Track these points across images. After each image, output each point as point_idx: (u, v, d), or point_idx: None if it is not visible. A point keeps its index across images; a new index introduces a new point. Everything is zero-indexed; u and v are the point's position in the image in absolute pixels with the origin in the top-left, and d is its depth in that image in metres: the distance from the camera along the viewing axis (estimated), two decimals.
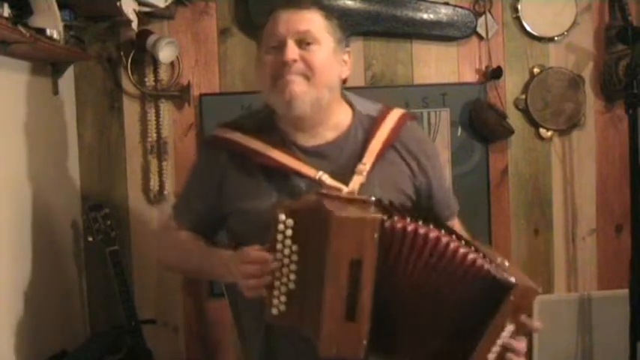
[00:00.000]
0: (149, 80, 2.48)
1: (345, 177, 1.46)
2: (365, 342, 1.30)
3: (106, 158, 2.52)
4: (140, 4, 2.32)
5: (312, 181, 1.45)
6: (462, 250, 1.29)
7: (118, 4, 2.17)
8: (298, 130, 1.52)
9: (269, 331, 1.51)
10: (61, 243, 2.30)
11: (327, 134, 1.52)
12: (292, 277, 1.34)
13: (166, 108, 2.50)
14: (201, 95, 2.51)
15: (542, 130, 2.61)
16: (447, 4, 2.54)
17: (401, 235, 1.28)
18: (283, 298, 1.34)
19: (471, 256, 1.28)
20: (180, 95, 2.49)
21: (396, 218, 1.29)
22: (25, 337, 1.96)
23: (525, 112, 2.61)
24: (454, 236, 1.31)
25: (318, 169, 1.46)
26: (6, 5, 1.64)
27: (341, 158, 1.49)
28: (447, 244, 1.29)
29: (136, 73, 2.48)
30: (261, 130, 1.54)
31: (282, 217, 1.32)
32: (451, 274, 1.29)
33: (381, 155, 1.49)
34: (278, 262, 1.33)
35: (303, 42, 1.45)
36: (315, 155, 1.49)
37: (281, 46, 1.45)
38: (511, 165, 2.62)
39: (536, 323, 1.31)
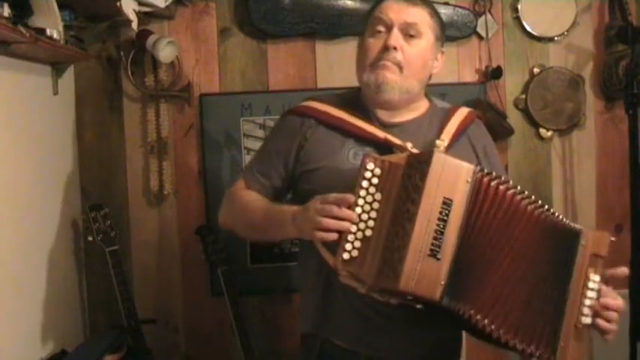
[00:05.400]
0: (149, 80, 2.48)
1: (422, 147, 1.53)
2: (443, 282, 1.34)
3: (106, 158, 2.52)
4: (140, 4, 2.33)
5: (399, 149, 1.52)
6: (538, 211, 1.39)
7: (118, 4, 2.18)
8: (380, 108, 1.60)
9: (327, 285, 1.56)
10: (61, 243, 2.30)
11: (406, 114, 1.62)
12: (371, 223, 1.39)
13: (166, 108, 2.50)
14: (201, 95, 2.51)
15: (542, 130, 2.61)
16: (447, 4, 2.54)
17: (486, 187, 1.37)
18: (357, 244, 1.39)
19: (541, 212, 1.39)
20: (180, 95, 2.49)
21: (485, 171, 1.38)
22: (25, 337, 1.97)
23: (525, 112, 2.62)
24: (530, 196, 1.40)
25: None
26: (6, 5, 1.64)
27: (418, 136, 1.57)
28: (520, 201, 1.38)
29: (136, 73, 2.48)
30: (345, 104, 1.63)
31: (371, 165, 1.40)
32: (530, 230, 1.38)
33: (456, 136, 1.58)
34: (359, 207, 1.39)
35: (408, 33, 1.55)
36: (394, 129, 1.58)
37: (387, 32, 1.55)
38: (511, 165, 2.62)
39: (620, 269, 1.43)
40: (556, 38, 2.61)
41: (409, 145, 1.50)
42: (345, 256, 1.38)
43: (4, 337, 1.82)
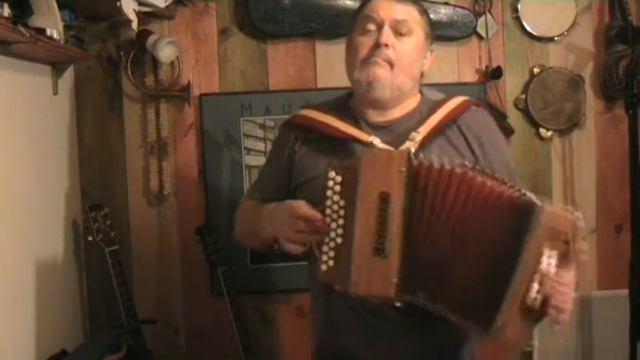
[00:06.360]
0: (149, 80, 2.48)
1: (400, 145, 1.50)
2: (396, 280, 1.32)
3: (106, 158, 2.52)
4: (140, 4, 2.32)
5: (366, 145, 1.51)
6: (489, 184, 1.32)
7: (118, 4, 2.17)
8: (370, 108, 1.59)
9: (328, 296, 1.56)
10: (61, 243, 2.30)
11: (396, 112, 1.60)
12: (340, 231, 1.38)
13: (166, 108, 2.50)
14: (201, 95, 2.51)
15: (542, 130, 2.61)
16: (447, 4, 2.54)
17: (427, 171, 1.33)
18: (332, 253, 1.38)
19: (500, 188, 1.31)
20: (180, 95, 2.49)
21: (423, 155, 1.34)
22: (25, 337, 1.97)
23: (525, 112, 2.61)
24: (484, 173, 1.34)
25: (383, 140, 1.52)
26: (6, 5, 1.64)
27: (405, 134, 1.55)
28: (473, 178, 1.32)
29: (135, 73, 2.48)
30: (335, 110, 1.63)
31: (332, 174, 1.40)
32: (479, 208, 1.31)
33: (438, 128, 1.54)
34: (328, 217, 1.38)
35: (398, 31, 1.54)
36: (382, 130, 1.57)
37: (377, 30, 1.54)
38: None
39: (581, 245, 1.30)
40: (556, 38, 2.60)
41: (377, 141, 1.48)
42: (323, 267, 1.39)
43: (4, 337, 1.82)
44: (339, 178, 1.39)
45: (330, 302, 1.56)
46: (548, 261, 1.28)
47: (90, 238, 2.26)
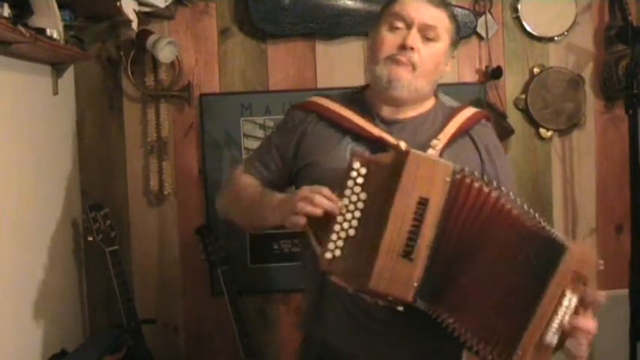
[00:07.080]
0: (149, 80, 2.48)
1: (421, 150, 1.50)
2: (416, 284, 1.32)
3: (106, 158, 2.52)
4: (140, 4, 2.33)
5: (385, 144, 1.50)
6: (520, 215, 1.33)
7: (118, 4, 2.17)
8: (385, 103, 1.59)
9: (321, 285, 1.54)
10: (61, 243, 2.30)
11: (410, 111, 1.60)
12: (354, 223, 1.37)
13: (166, 108, 2.50)
14: (201, 95, 2.51)
15: (542, 130, 2.61)
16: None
17: (468, 188, 1.34)
18: (340, 243, 1.37)
19: (531, 222, 1.32)
20: (180, 95, 2.49)
21: (466, 172, 1.35)
22: (25, 337, 1.97)
23: (525, 112, 2.61)
24: (515, 200, 1.35)
25: (395, 137, 1.51)
26: (6, 5, 1.64)
27: (418, 134, 1.56)
28: (504, 205, 1.33)
29: (135, 73, 2.48)
30: (349, 102, 1.63)
31: (357, 164, 1.38)
32: (508, 236, 1.32)
33: (455, 137, 1.55)
34: (344, 207, 1.37)
35: (426, 36, 1.53)
36: (395, 127, 1.57)
37: (406, 29, 1.53)
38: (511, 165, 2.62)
39: (600, 294, 1.31)
40: (556, 38, 2.61)
41: (402, 143, 1.46)
42: (328, 255, 1.37)
43: (4, 336, 1.82)
44: (363, 170, 1.38)
45: (323, 295, 1.56)
46: (569, 303, 1.29)
47: (90, 238, 2.26)
